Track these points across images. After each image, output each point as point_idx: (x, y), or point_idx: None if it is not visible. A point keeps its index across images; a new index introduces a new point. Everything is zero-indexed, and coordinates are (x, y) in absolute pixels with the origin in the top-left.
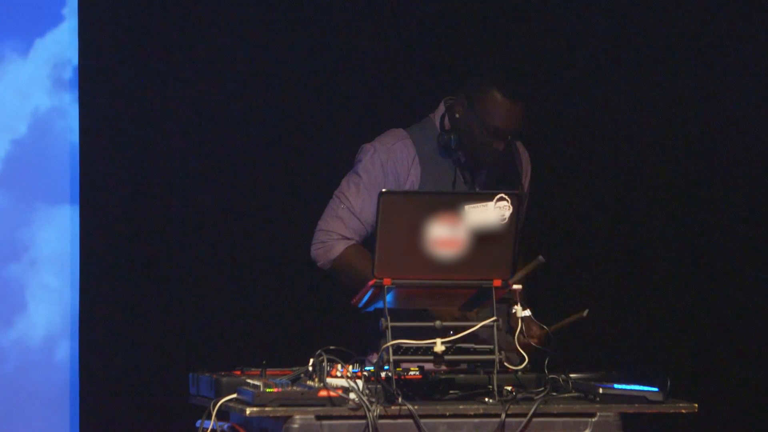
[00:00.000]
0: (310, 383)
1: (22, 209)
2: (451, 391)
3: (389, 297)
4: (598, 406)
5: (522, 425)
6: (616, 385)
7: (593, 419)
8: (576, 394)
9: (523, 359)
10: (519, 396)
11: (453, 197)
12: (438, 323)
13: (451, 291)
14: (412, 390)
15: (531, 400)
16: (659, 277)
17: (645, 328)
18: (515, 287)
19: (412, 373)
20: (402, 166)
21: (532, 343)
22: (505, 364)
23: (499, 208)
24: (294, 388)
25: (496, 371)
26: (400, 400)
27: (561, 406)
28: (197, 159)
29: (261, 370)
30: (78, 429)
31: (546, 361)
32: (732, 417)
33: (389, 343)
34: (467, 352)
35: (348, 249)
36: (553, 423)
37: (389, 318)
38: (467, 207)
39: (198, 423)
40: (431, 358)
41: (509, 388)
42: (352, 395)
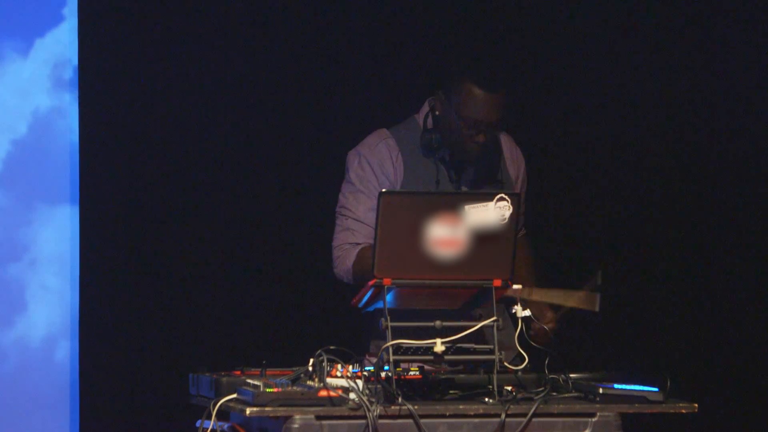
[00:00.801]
0: (310, 383)
1: (22, 209)
2: (451, 391)
3: (389, 297)
4: (598, 406)
5: (522, 425)
6: (616, 385)
7: (593, 419)
8: (576, 394)
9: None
10: (519, 396)
11: (453, 197)
12: (438, 323)
13: (451, 291)
14: (412, 390)
15: (531, 400)
16: (659, 277)
17: (645, 328)
18: (515, 287)
19: (412, 373)
20: (388, 164)
21: (546, 328)
22: (506, 364)
23: (499, 208)
24: (294, 388)
25: (496, 371)
26: (400, 400)
27: (561, 406)
28: (197, 159)
29: (261, 370)
30: (78, 429)
31: (546, 361)
32: (732, 417)
33: (389, 343)
34: (467, 352)
35: (360, 252)
36: (553, 423)
37: (389, 318)
38: (467, 207)
39: (198, 423)
40: (431, 358)
41: (509, 388)
42: (352, 395)
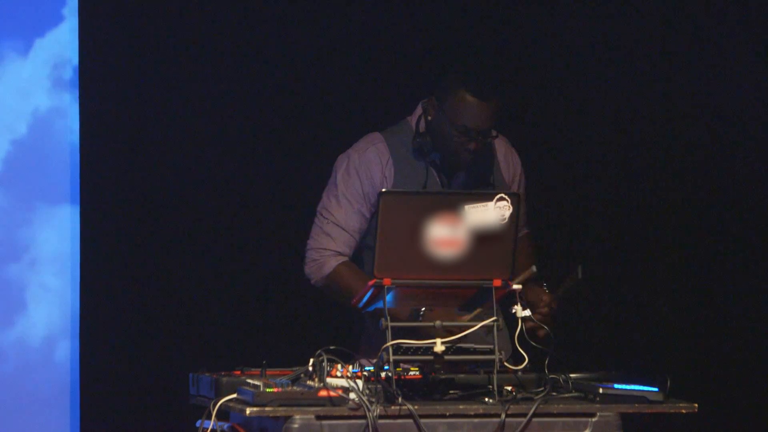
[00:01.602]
0: (310, 383)
1: (22, 209)
2: (451, 391)
3: (389, 297)
4: (598, 406)
5: (522, 425)
6: (616, 385)
7: (593, 419)
8: (576, 394)
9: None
10: (519, 396)
11: (453, 197)
12: (438, 323)
13: (451, 291)
14: (412, 390)
15: (531, 400)
16: (659, 277)
17: (645, 328)
18: (515, 287)
19: (412, 373)
20: (376, 170)
21: (543, 312)
22: (505, 364)
23: (499, 208)
24: (294, 388)
25: (496, 371)
26: (400, 400)
27: (561, 406)
28: (197, 159)
29: (261, 370)
30: (78, 429)
31: (546, 361)
32: (732, 417)
33: (389, 343)
34: (467, 352)
35: (340, 266)
36: (553, 423)
37: (389, 318)
38: (467, 207)
39: (198, 423)
40: (431, 358)
41: (509, 388)
42: (352, 395)
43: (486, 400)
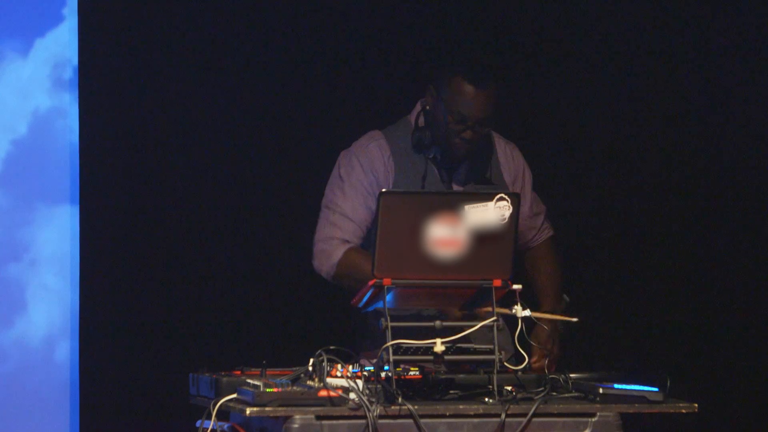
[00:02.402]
0: (310, 383)
1: (22, 209)
2: (451, 391)
3: (389, 297)
4: (598, 406)
5: (522, 425)
6: (616, 385)
7: (593, 419)
8: (576, 394)
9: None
10: (519, 396)
11: (453, 197)
12: (438, 323)
13: (451, 291)
14: (412, 390)
15: (531, 400)
16: (659, 277)
17: (645, 328)
18: (515, 287)
19: (412, 373)
20: (379, 164)
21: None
22: (506, 363)
23: (499, 208)
24: (294, 388)
25: (496, 371)
26: (400, 400)
27: (561, 406)
28: (197, 159)
29: (261, 370)
30: (78, 429)
31: (546, 361)
32: (732, 417)
33: (389, 343)
34: (467, 352)
35: (349, 251)
36: (553, 423)
37: (389, 318)
38: (467, 207)
39: (198, 423)
40: (431, 358)
41: (509, 388)
42: (352, 395)
43: (486, 400)
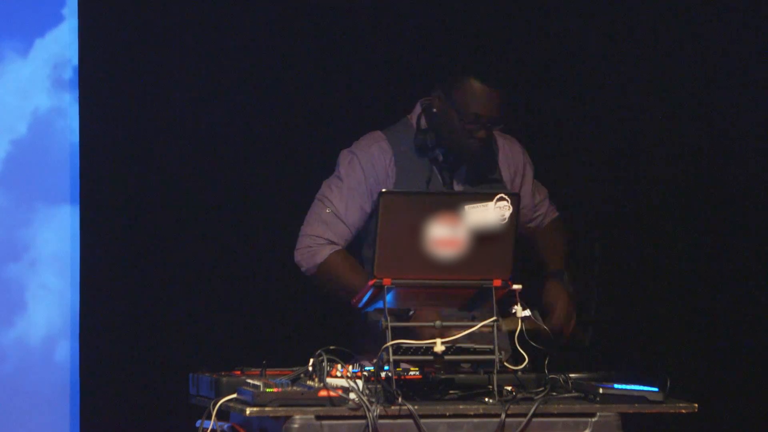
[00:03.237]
0: (310, 383)
1: (22, 209)
2: (451, 391)
3: (389, 297)
4: (598, 406)
5: (522, 425)
6: (616, 385)
7: (593, 419)
8: (576, 394)
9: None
10: (519, 396)
11: (453, 197)
12: (438, 323)
13: (451, 291)
14: (412, 390)
15: (531, 400)
16: (659, 277)
17: (645, 328)
18: (515, 287)
19: (412, 373)
20: (380, 168)
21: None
22: (506, 364)
23: (499, 208)
24: (294, 388)
25: (496, 371)
26: (400, 400)
27: (561, 406)
28: (197, 159)
29: (261, 370)
30: (78, 429)
31: (546, 361)
32: (732, 417)
33: (389, 343)
34: (467, 352)
35: (333, 255)
36: (553, 423)
37: (389, 318)
38: (467, 207)
39: (198, 423)
40: (431, 358)
41: (509, 388)
42: (352, 395)
43: (486, 400)
